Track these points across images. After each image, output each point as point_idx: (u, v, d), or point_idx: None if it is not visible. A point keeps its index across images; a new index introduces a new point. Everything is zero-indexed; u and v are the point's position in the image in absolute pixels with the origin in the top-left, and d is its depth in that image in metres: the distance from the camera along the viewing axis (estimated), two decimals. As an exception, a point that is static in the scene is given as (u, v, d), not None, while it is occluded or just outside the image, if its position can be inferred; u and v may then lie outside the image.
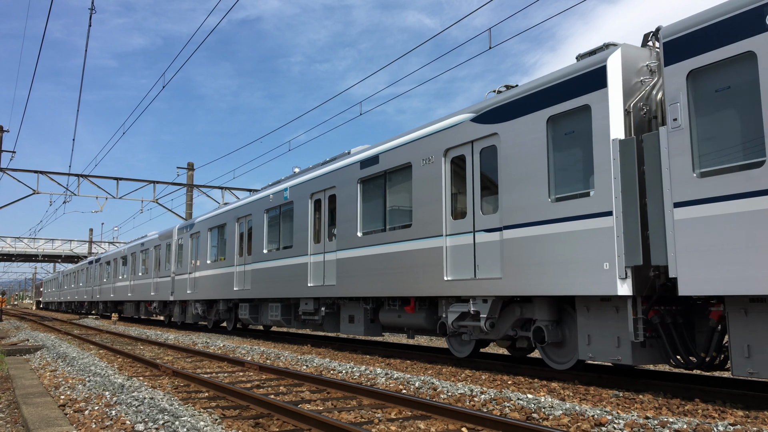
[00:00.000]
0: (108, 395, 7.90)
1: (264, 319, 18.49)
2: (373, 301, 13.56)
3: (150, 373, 11.03)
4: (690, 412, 6.92)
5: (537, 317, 9.56)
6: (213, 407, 7.40)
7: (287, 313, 16.94)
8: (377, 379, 9.52)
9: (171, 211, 36.88)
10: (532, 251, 9.32)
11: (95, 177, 33.62)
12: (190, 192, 36.27)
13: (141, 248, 31.46)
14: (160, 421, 6.13)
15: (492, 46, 12.83)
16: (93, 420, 6.49)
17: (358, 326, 13.97)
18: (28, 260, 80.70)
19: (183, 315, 26.03)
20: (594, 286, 8.28)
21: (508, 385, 9.00)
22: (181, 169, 35.98)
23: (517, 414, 6.67)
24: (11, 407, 7.77)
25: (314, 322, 15.73)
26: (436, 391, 8.17)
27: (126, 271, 34.35)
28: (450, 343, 11.90)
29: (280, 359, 12.78)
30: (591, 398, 7.81)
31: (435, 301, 11.99)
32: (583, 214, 8.56)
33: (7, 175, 31.93)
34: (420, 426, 6.27)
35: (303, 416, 6.29)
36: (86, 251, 74.98)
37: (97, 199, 34.43)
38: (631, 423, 5.87)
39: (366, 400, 7.79)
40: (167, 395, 7.94)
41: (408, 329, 13.04)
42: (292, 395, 8.41)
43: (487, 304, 10.20)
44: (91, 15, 14.29)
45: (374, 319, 13.81)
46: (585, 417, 6.25)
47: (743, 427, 5.75)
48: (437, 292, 11.09)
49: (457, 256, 10.82)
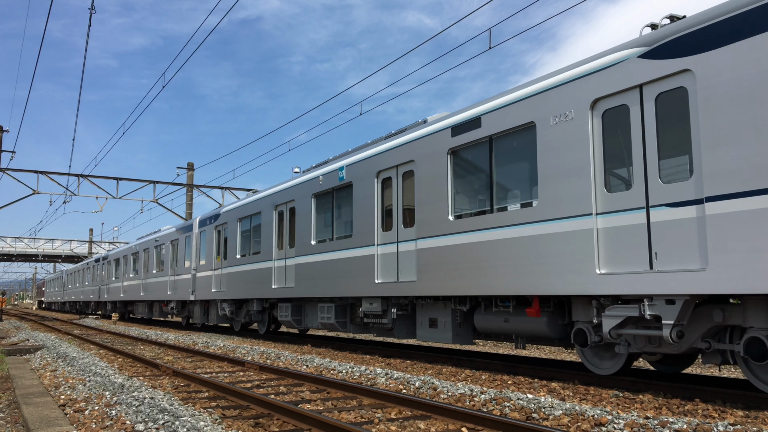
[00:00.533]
0: (108, 395, 7.90)
1: (310, 321, 16.25)
2: (470, 300, 11.07)
3: (150, 373, 11.03)
4: (690, 412, 6.92)
5: (751, 324, 7.17)
6: (213, 407, 7.40)
7: (342, 315, 14.68)
8: (377, 379, 9.52)
9: (171, 211, 36.89)
10: None
11: (95, 177, 33.64)
12: (190, 192, 36.28)
13: (155, 243, 29.11)
14: (160, 421, 6.13)
15: (492, 46, 12.83)
16: (93, 420, 6.49)
17: (442, 332, 11.57)
18: (28, 260, 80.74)
19: (205, 316, 23.70)
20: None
21: (508, 385, 9.00)
22: (181, 169, 36.01)
23: (517, 414, 6.68)
24: (11, 407, 7.77)
25: (381, 326, 13.32)
26: (436, 391, 8.17)
27: (138, 269, 32.02)
28: (585, 356, 9.49)
29: (280, 359, 12.78)
30: (591, 398, 7.81)
31: (562, 302, 9.62)
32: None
33: (7, 175, 31.94)
34: (420, 426, 6.28)
35: (303, 416, 6.30)
36: (86, 251, 75.02)
37: (97, 199, 34.47)
38: (631, 423, 5.87)
39: (366, 400, 7.79)
40: (167, 395, 7.94)
41: (519, 337, 10.53)
42: (292, 395, 8.42)
43: (674, 306, 7.52)
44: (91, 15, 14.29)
45: (463, 323, 11.49)
46: (585, 417, 6.25)
47: (743, 427, 5.75)
48: (583, 289, 8.48)
49: (618, 242, 8.15)
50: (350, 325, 14.59)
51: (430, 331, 11.88)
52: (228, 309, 20.97)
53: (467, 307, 11.06)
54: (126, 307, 37.20)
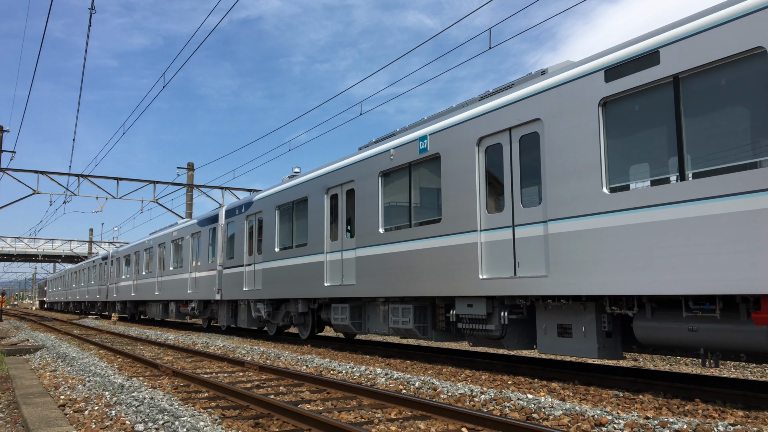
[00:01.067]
0: (108, 395, 7.90)
1: (373, 325, 13.75)
2: (627, 301, 8.41)
3: (150, 373, 11.03)
4: (690, 412, 6.92)
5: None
6: (213, 407, 7.39)
7: (422, 319, 12.15)
8: (377, 379, 9.52)
9: (171, 211, 36.90)
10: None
11: (95, 177, 33.64)
12: (190, 192, 36.29)
13: (173, 238, 26.48)
14: (160, 421, 6.13)
15: (492, 46, 12.83)
16: (93, 420, 6.49)
17: (580, 342, 8.94)
18: (28, 260, 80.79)
19: (233, 318, 21.23)
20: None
21: (508, 385, 9.00)
22: (181, 169, 36.03)
23: (517, 414, 6.67)
24: (11, 407, 7.77)
25: (484, 334, 10.47)
26: (436, 391, 8.17)
27: (152, 266, 29.55)
28: None
29: (280, 359, 12.77)
30: (591, 398, 7.81)
31: None
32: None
33: (7, 175, 31.95)
34: (420, 426, 6.27)
35: (303, 416, 6.29)
36: (86, 251, 75.05)
37: (97, 199, 34.46)
38: (631, 423, 5.87)
39: (366, 400, 7.78)
40: (167, 395, 7.94)
41: (715, 352, 7.62)
42: (292, 395, 8.41)
43: None
44: (92, 15, 14.29)
45: (611, 332, 8.89)
46: (585, 417, 6.24)
47: (743, 427, 5.75)
48: None
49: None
50: (432, 332, 12.13)
51: (561, 341, 9.32)
52: (264, 310, 18.15)
53: (623, 310, 8.46)
54: (137, 308, 34.83)
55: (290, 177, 17.65)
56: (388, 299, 13.06)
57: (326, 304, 15.58)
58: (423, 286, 11.48)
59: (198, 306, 24.03)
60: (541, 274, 9.21)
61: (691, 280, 7.25)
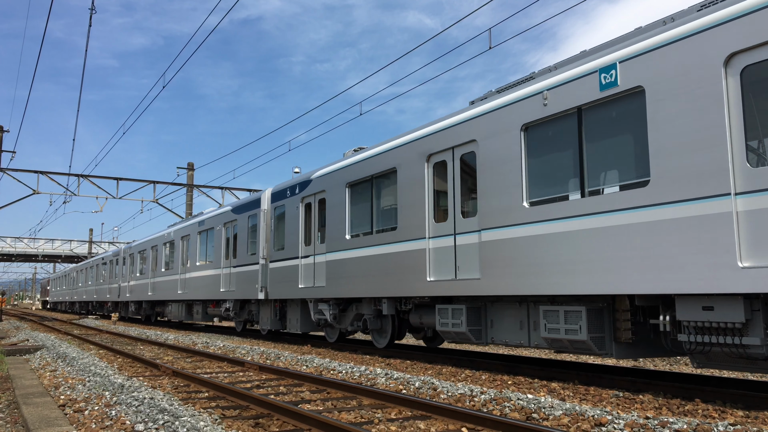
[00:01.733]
0: (108, 395, 7.90)
1: (500, 333, 10.50)
2: None
3: (150, 373, 11.03)
4: (690, 412, 6.92)
5: None
6: (213, 407, 7.40)
7: (598, 327, 8.57)
8: (377, 379, 9.52)
9: (171, 211, 36.91)
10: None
11: (95, 177, 33.65)
12: (190, 192, 36.29)
13: (200, 228, 23.29)
14: (160, 421, 6.13)
15: (492, 46, 12.84)
16: (93, 420, 6.49)
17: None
18: (28, 260, 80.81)
19: (280, 321, 18.14)
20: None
21: (508, 385, 9.00)
22: (181, 169, 36.04)
23: (517, 414, 6.68)
24: (11, 407, 7.77)
25: (734, 351, 6.97)
26: (436, 391, 8.17)
27: (174, 262, 26.24)
28: None
29: (280, 359, 12.77)
30: (591, 398, 7.81)
31: None
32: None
33: (7, 175, 31.96)
34: (420, 426, 6.28)
35: (303, 416, 6.29)
36: (86, 251, 75.05)
37: (97, 199, 34.49)
38: (631, 423, 5.87)
39: (366, 400, 7.79)
40: (167, 395, 7.94)
41: None
42: (292, 395, 8.42)
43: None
44: (92, 15, 14.30)
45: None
46: (585, 417, 6.25)
47: (743, 427, 5.75)
48: None
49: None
50: (612, 344, 8.60)
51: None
52: (329, 312, 15.06)
53: None
54: (153, 308, 31.44)
55: (355, 151, 14.90)
56: (526, 299, 10.01)
57: (422, 305, 12.50)
58: (607, 281, 8.18)
59: (234, 306, 20.56)
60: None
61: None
